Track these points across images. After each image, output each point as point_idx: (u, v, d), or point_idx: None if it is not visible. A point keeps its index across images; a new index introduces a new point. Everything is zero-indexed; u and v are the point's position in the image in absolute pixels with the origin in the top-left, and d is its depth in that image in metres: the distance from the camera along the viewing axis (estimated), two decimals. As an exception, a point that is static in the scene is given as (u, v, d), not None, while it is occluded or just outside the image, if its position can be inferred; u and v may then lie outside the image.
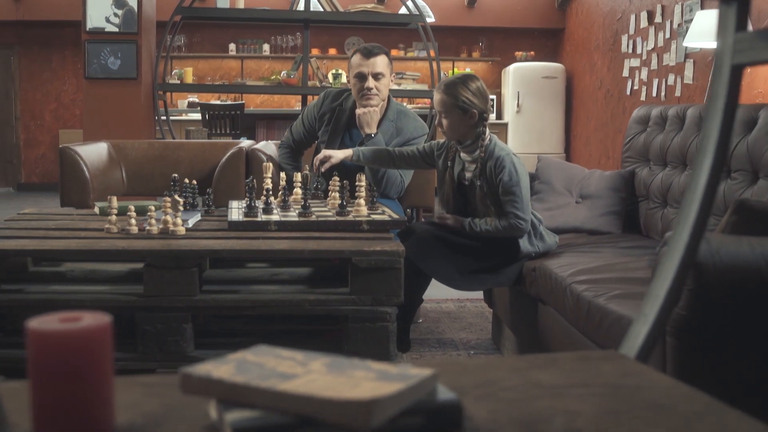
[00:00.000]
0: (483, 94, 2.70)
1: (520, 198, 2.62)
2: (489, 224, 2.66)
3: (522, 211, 2.61)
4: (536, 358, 0.97)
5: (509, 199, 2.62)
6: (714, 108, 1.01)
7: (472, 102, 2.66)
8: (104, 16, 5.34)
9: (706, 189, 1.00)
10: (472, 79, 2.72)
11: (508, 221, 2.61)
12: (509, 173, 2.63)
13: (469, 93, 2.67)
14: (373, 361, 0.81)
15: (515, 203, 2.61)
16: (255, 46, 9.60)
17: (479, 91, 2.69)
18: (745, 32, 0.97)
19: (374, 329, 2.18)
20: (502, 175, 2.64)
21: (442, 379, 0.89)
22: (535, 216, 2.76)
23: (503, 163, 2.64)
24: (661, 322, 1.00)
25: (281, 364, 0.80)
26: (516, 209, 2.61)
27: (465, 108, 2.66)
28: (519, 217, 2.61)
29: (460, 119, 2.68)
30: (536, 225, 2.73)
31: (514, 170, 2.64)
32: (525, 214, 2.62)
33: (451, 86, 2.68)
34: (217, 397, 0.76)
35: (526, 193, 2.64)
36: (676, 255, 1.01)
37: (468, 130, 2.71)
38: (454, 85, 2.68)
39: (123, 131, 5.27)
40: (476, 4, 9.71)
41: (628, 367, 0.94)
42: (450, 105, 2.67)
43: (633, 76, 7.41)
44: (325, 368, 0.79)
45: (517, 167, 2.65)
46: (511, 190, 2.62)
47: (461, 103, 2.66)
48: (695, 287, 1.49)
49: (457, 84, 2.68)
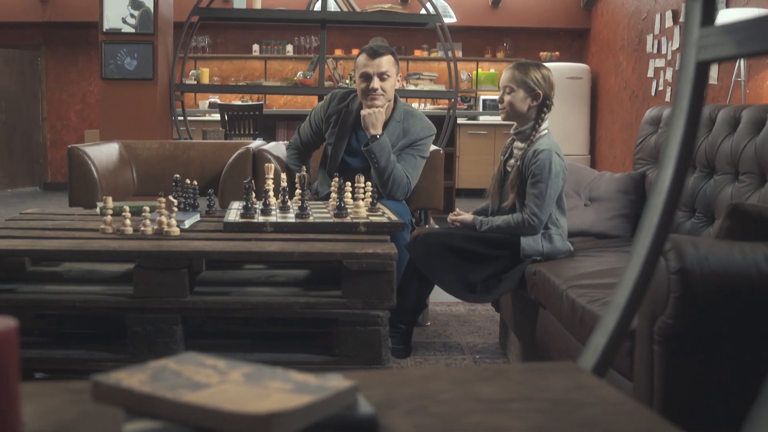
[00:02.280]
0: (551, 82, 2.80)
1: (543, 196, 2.60)
2: (501, 221, 2.66)
3: (540, 209, 2.61)
4: (486, 370, 0.92)
5: (532, 192, 2.64)
6: (679, 108, 0.96)
7: (539, 83, 2.75)
8: (121, 17, 5.37)
9: (668, 195, 0.95)
10: (544, 66, 2.84)
11: (522, 216, 2.62)
12: (541, 167, 2.64)
13: (540, 75, 2.78)
14: (297, 372, 0.78)
15: (536, 199, 2.62)
16: (278, 47, 9.62)
17: (548, 78, 2.80)
18: (711, 27, 0.92)
19: (366, 333, 2.14)
20: (534, 167, 2.65)
21: (381, 390, 0.85)
22: (554, 217, 2.71)
23: (541, 156, 2.65)
24: (620, 334, 0.95)
25: (200, 372, 0.77)
26: (535, 205, 2.61)
27: (531, 87, 2.75)
28: (535, 214, 2.60)
29: (524, 97, 2.77)
30: (548, 226, 2.68)
31: (548, 167, 2.62)
32: (542, 213, 2.61)
33: (524, 65, 2.81)
34: (125, 406, 0.72)
35: (551, 193, 2.63)
36: (637, 263, 0.96)
37: (527, 111, 2.77)
38: (527, 65, 2.82)
39: (139, 131, 5.29)
40: (500, 4, 9.62)
41: (581, 380, 0.89)
42: (519, 81, 2.77)
43: (658, 77, 7.28)
44: (243, 378, 0.75)
45: (553, 165, 2.63)
46: (537, 185, 2.62)
47: (530, 81, 2.75)
48: (682, 295, 1.43)
49: (530, 65, 2.81)
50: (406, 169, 3.18)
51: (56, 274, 2.46)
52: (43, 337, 2.37)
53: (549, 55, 9.69)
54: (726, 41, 0.88)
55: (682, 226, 2.64)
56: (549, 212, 2.65)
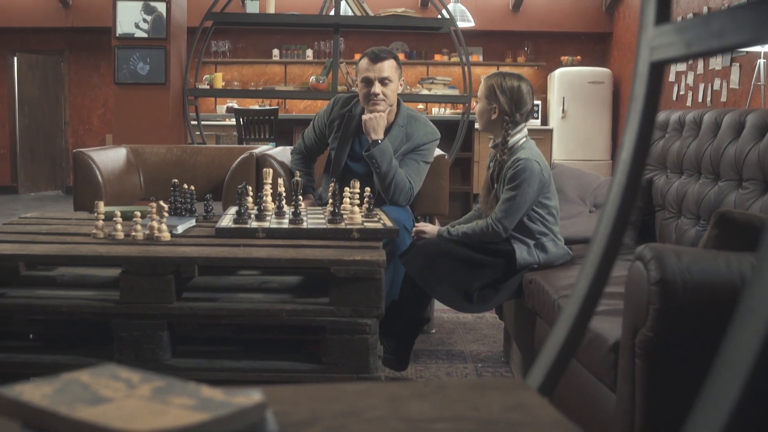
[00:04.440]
0: (515, 95, 2.67)
1: (512, 204, 2.55)
2: (466, 227, 2.62)
3: (506, 215, 2.55)
4: (425, 385, 0.88)
5: (503, 198, 2.59)
6: (633, 111, 0.91)
7: (495, 95, 2.68)
8: (134, 22, 5.40)
9: (621, 201, 0.90)
10: (513, 77, 2.72)
11: (487, 221, 2.58)
12: (515, 176, 2.58)
13: (501, 88, 2.68)
14: (209, 388, 0.74)
15: (504, 205, 2.57)
16: (298, 51, 9.63)
17: (512, 90, 2.67)
18: (664, 26, 0.87)
19: (353, 341, 2.10)
20: (510, 174, 2.61)
21: (306, 407, 0.81)
22: (546, 226, 2.65)
23: (518, 165, 2.60)
24: (569, 350, 0.90)
25: (109, 386, 0.74)
26: (501, 211, 2.56)
27: (490, 101, 2.69)
28: (499, 220, 2.56)
29: (483, 109, 2.73)
30: (538, 236, 2.62)
31: (524, 176, 2.55)
32: (507, 220, 2.56)
33: (492, 77, 2.74)
34: (23, 420, 0.70)
35: (521, 202, 2.56)
36: (589, 274, 0.91)
37: (488, 123, 2.73)
38: (496, 75, 2.74)
39: (151, 136, 5.31)
40: (521, 7, 9.54)
41: (523, 399, 0.84)
42: (482, 91, 2.73)
43: (679, 81, 7.17)
44: (150, 393, 0.72)
45: (529, 175, 2.56)
46: (508, 192, 2.56)
47: (490, 93, 2.69)
48: (662, 307, 1.37)
49: (497, 76, 2.73)
50: (408, 174, 3.13)
51: (50, 279, 2.46)
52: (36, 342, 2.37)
53: (570, 60, 9.58)
54: (677, 41, 0.83)
55: (686, 233, 2.56)
56: (516, 220, 2.59)
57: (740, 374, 0.61)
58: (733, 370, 0.61)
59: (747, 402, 0.61)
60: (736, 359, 0.59)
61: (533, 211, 2.65)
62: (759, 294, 0.58)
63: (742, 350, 0.60)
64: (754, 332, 0.59)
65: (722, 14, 0.72)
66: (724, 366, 0.60)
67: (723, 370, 0.61)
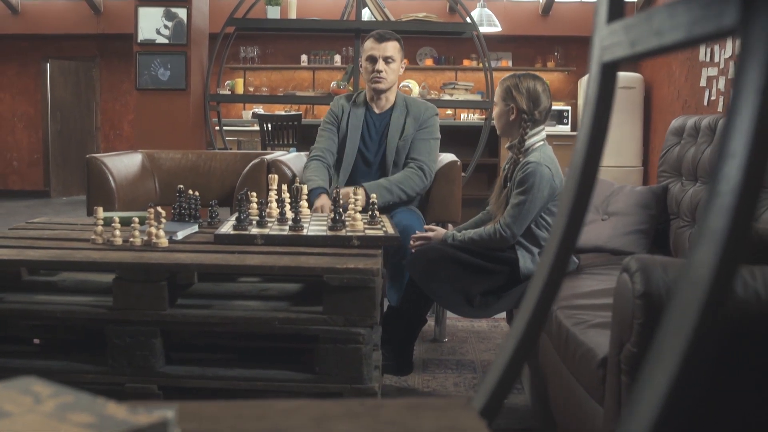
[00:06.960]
0: (533, 95, 2.64)
1: (521, 208, 2.49)
2: (473, 233, 2.56)
3: (514, 220, 2.49)
4: (360, 404, 0.83)
5: (512, 203, 2.54)
6: (585, 115, 0.85)
7: (513, 97, 2.64)
8: (155, 28, 5.44)
9: (572, 209, 0.84)
10: (528, 77, 2.68)
11: (495, 227, 2.52)
12: (524, 180, 2.54)
13: (517, 89, 2.65)
14: (117, 405, 0.71)
15: (513, 210, 2.51)
16: (326, 56, 9.64)
17: (528, 89, 2.64)
18: (615, 24, 0.81)
19: (346, 351, 2.06)
20: (519, 178, 2.56)
21: (227, 424, 0.77)
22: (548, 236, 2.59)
23: (528, 168, 2.54)
24: (514, 371, 0.84)
25: (15, 400, 0.71)
26: (509, 216, 2.50)
27: (507, 102, 2.66)
28: (507, 225, 2.50)
29: (501, 111, 2.70)
30: (544, 243, 2.55)
31: (534, 180, 2.50)
32: (515, 225, 2.49)
33: (509, 78, 2.70)
34: None
35: (530, 207, 2.49)
36: (537, 286, 0.85)
37: (506, 125, 2.70)
38: (513, 77, 2.70)
39: (172, 142, 5.33)
40: (551, 12, 9.43)
41: (460, 422, 0.80)
42: (499, 94, 2.71)
43: (710, 86, 7.00)
44: (54, 409, 0.69)
45: (539, 179, 2.50)
46: (517, 196, 2.51)
47: (507, 95, 2.66)
48: (645, 321, 1.31)
49: (514, 77, 2.69)
50: (420, 158, 3.26)
51: (51, 284, 2.46)
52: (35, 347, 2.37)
53: (600, 65, 9.44)
54: (624, 40, 0.78)
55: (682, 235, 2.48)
56: (525, 225, 2.53)
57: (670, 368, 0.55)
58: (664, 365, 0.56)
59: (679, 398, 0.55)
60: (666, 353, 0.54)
61: (541, 218, 2.59)
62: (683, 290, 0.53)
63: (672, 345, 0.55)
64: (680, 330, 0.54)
65: (662, 10, 0.67)
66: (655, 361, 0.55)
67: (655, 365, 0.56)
